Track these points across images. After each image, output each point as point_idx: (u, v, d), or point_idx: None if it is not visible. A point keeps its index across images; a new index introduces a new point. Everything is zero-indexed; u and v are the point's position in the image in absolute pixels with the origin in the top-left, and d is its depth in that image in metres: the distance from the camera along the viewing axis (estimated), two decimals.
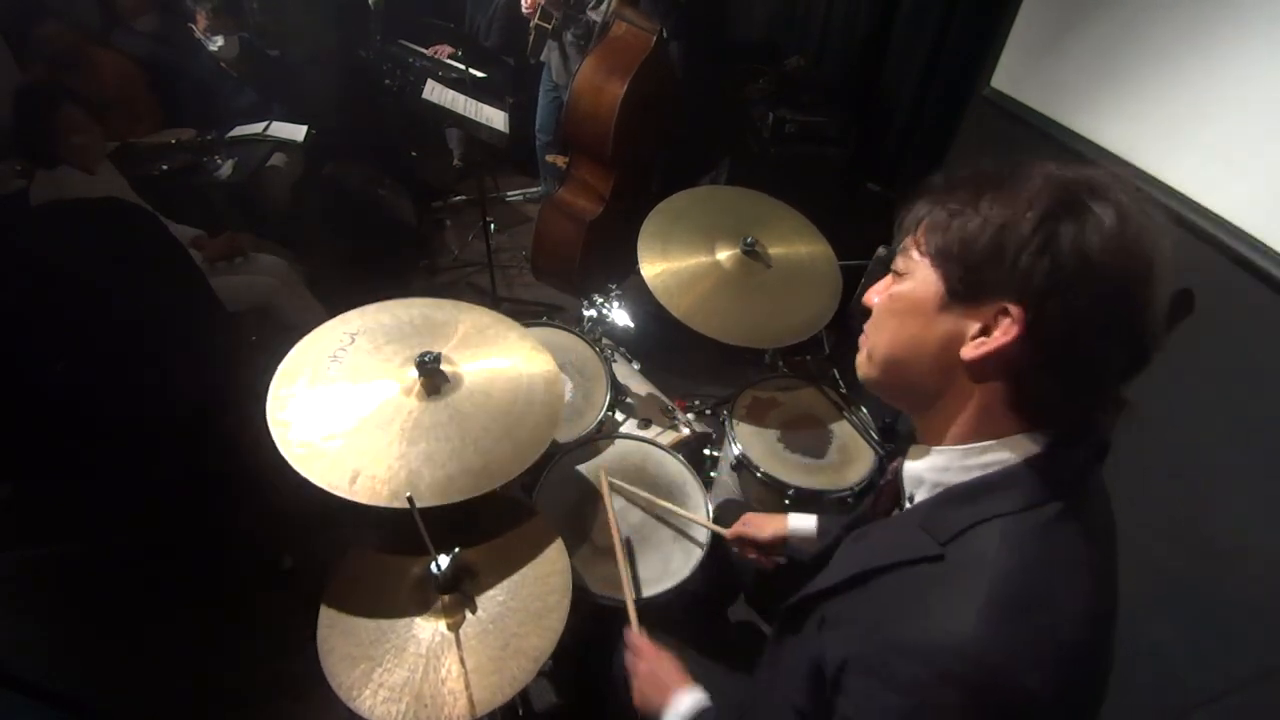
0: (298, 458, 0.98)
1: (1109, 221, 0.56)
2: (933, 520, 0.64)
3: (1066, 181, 0.58)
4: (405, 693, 0.93)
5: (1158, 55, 1.54)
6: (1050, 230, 0.56)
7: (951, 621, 0.56)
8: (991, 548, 0.59)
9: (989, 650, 0.54)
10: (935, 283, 0.63)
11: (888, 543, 0.69)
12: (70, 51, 2.54)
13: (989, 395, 0.63)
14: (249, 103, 2.82)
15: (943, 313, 0.63)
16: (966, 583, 0.58)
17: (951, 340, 0.63)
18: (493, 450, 1.08)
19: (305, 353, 1.14)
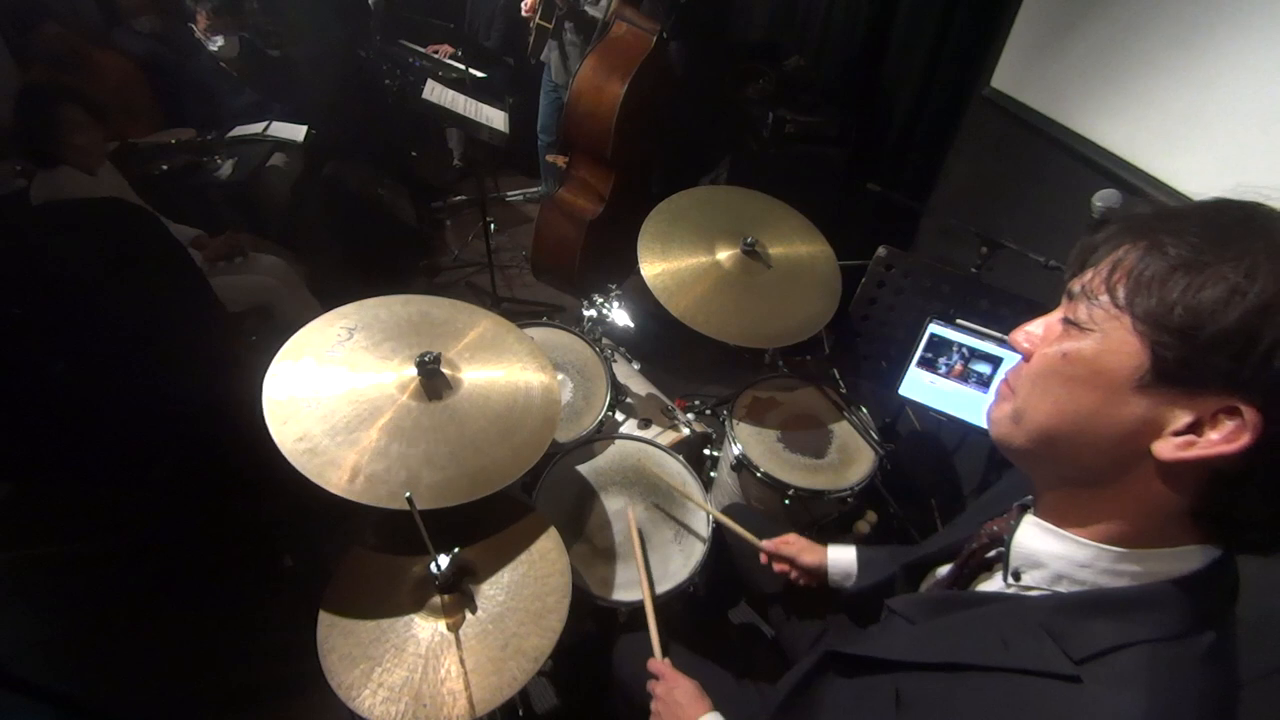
0: (297, 456, 0.98)
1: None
2: (1064, 627, 0.53)
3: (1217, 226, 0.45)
4: (405, 692, 0.93)
5: (1157, 55, 1.54)
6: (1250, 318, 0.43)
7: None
8: (1141, 680, 0.49)
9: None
10: (1137, 353, 0.49)
11: (994, 636, 0.57)
12: (70, 51, 2.54)
13: (1173, 500, 0.50)
14: (249, 103, 2.82)
15: (1139, 393, 0.49)
16: (1100, 708, 0.48)
17: (1143, 429, 0.49)
18: (490, 454, 1.09)
19: (301, 346, 1.14)
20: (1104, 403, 0.51)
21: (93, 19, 2.90)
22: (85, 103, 1.92)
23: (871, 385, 1.76)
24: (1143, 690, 0.48)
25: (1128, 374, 0.49)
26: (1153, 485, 0.50)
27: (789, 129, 2.61)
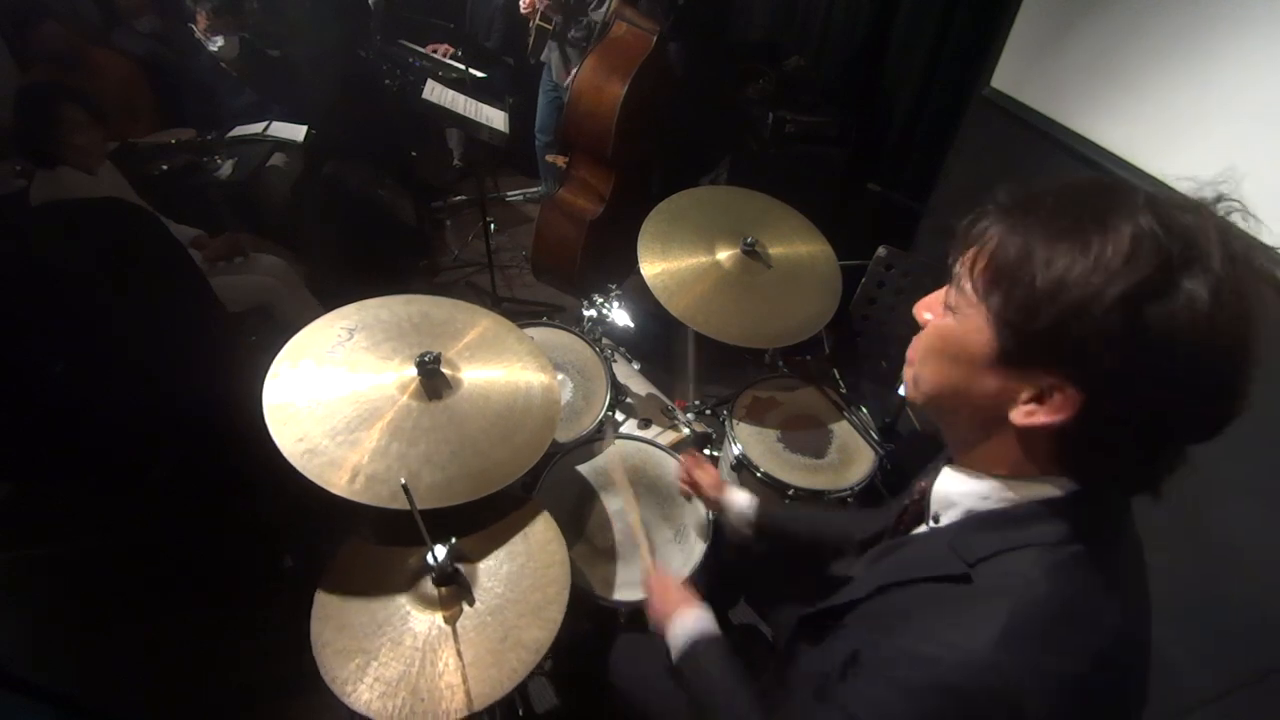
0: (297, 456, 0.98)
1: (1202, 303, 0.49)
2: (963, 542, 0.63)
3: (1161, 246, 0.50)
4: (401, 687, 0.92)
5: (1157, 55, 1.54)
6: (1133, 316, 0.49)
7: (966, 638, 0.56)
8: (1020, 576, 0.58)
9: (996, 672, 0.54)
10: (988, 340, 0.58)
11: (912, 559, 0.69)
12: (70, 51, 2.54)
13: (1038, 447, 0.60)
14: (249, 103, 2.82)
15: (992, 370, 0.58)
16: (989, 605, 0.57)
17: (1000, 398, 0.59)
18: (490, 454, 1.08)
19: (302, 348, 1.14)
20: (969, 376, 0.61)
21: (93, 19, 2.90)
22: (85, 103, 1.92)
23: (871, 385, 1.76)
24: (1017, 582, 0.58)
25: (983, 354, 0.59)
26: (1020, 438, 0.60)
27: (789, 129, 2.61)
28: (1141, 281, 0.49)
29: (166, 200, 2.19)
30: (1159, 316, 0.49)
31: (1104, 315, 0.50)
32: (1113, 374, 0.52)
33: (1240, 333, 0.51)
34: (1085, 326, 0.51)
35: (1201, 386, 0.52)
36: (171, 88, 2.77)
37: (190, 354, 1.83)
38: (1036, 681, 0.54)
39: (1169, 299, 0.49)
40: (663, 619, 1.01)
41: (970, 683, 0.54)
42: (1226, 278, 0.49)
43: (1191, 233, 0.50)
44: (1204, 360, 0.50)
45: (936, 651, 0.57)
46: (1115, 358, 0.51)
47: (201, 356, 1.87)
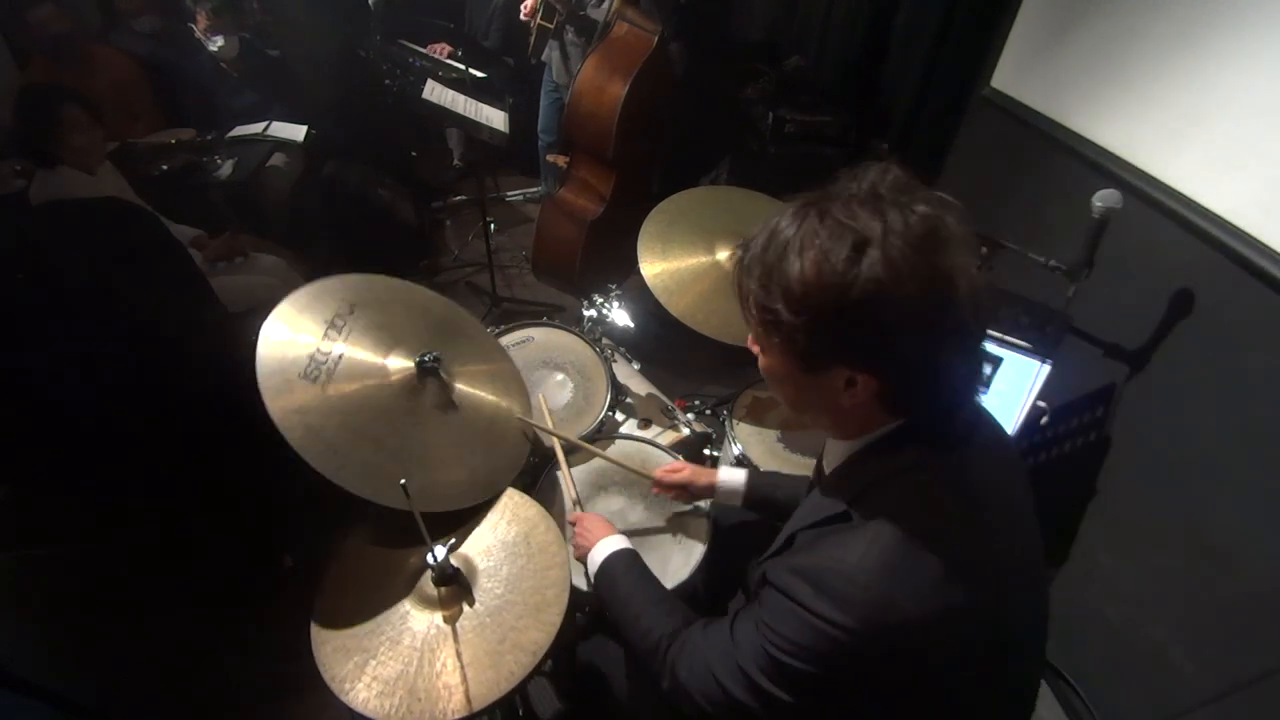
0: (294, 437, 0.98)
1: (881, 269, 0.60)
2: (840, 482, 0.77)
3: (836, 243, 0.63)
4: (399, 686, 0.92)
5: (1157, 55, 1.54)
6: (846, 304, 0.62)
7: (845, 554, 0.67)
8: (885, 503, 0.69)
9: (873, 578, 0.65)
10: (789, 364, 0.71)
11: (809, 508, 0.81)
12: (70, 48, 2.54)
13: (869, 409, 0.72)
14: (249, 103, 2.81)
15: (808, 378, 0.71)
16: (863, 529, 0.69)
17: (828, 392, 0.70)
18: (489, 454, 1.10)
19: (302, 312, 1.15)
20: (801, 389, 0.74)
21: (93, 19, 2.90)
22: (85, 103, 1.92)
23: None
24: (885, 506, 0.69)
25: (795, 374, 0.72)
26: (857, 409, 0.72)
27: (789, 129, 2.61)
28: (839, 277, 0.62)
29: (166, 200, 2.19)
30: (863, 291, 0.61)
31: (834, 316, 0.63)
32: (867, 347, 0.65)
33: (927, 262, 0.61)
34: (829, 331, 0.64)
35: (924, 317, 0.62)
36: (171, 88, 2.77)
37: (190, 354, 1.83)
38: (909, 583, 0.65)
39: (862, 277, 0.61)
40: (585, 551, 1.09)
41: (847, 588, 0.65)
42: (894, 233, 0.61)
43: (857, 222, 0.62)
44: (911, 298, 0.61)
45: (819, 566, 0.68)
46: (859, 336, 0.64)
47: (201, 357, 1.87)
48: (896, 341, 0.63)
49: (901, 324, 0.62)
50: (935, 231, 0.62)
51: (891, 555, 0.65)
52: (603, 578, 1.03)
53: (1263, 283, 1.28)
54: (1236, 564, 1.33)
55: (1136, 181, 1.54)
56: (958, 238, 0.63)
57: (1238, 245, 1.32)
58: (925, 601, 0.64)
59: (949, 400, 0.71)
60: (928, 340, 0.64)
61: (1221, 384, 1.38)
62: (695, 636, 0.84)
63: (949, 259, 0.62)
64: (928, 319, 0.62)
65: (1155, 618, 1.47)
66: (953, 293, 0.62)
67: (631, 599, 0.96)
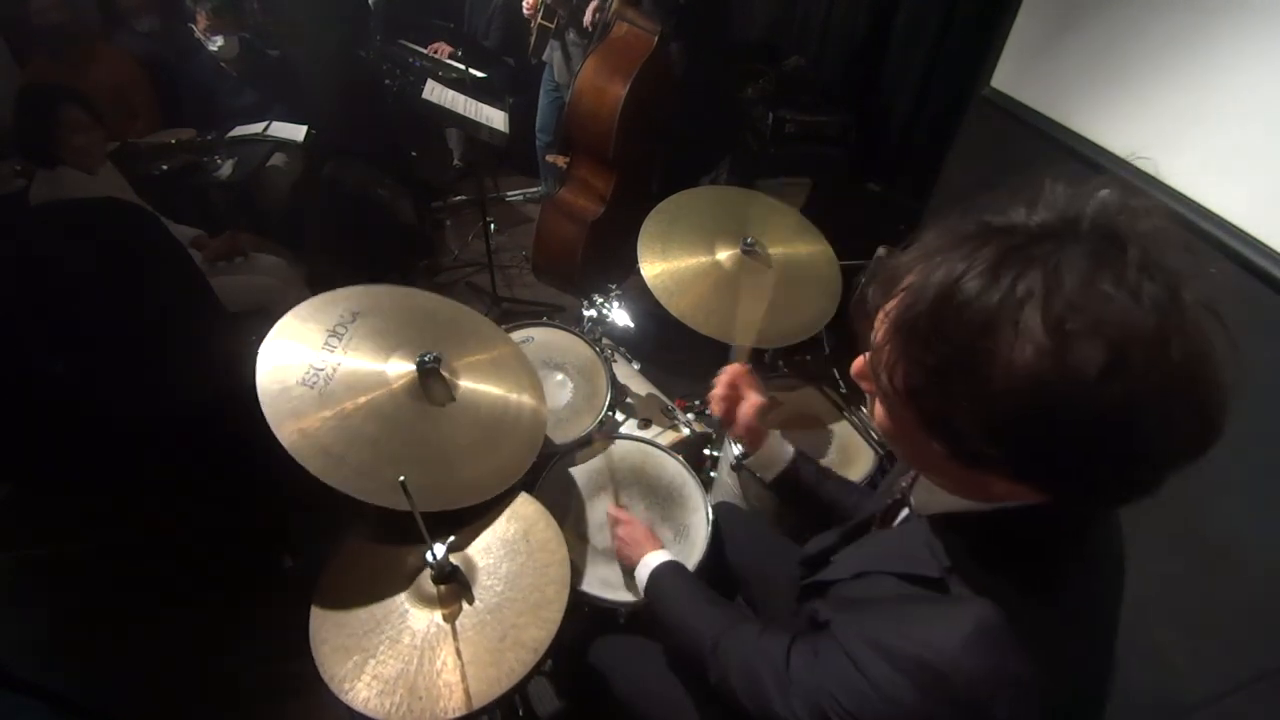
0: (292, 442, 0.97)
1: (1094, 371, 0.45)
2: (937, 539, 0.64)
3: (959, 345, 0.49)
4: (399, 685, 0.91)
5: (1158, 55, 1.54)
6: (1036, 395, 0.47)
7: (939, 641, 0.57)
8: (992, 586, 0.59)
9: (961, 673, 0.56)
10: (931, 450, 0.57)
11: (891, 550, 0.72)
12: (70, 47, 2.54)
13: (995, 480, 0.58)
14: (249, 103, 2.81)
15: (954, 465, 0.57)
16: (961, 611, 0.58)
17: (976, 483, 0.58)
18: (470, 466, 1.09)
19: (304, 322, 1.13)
20: (921, 446, 0.58)
21: (93, 19, 2.90)
22: (85, 103, 1.92)
23: None
24: (989, 591, 0.58)
25: (923, 437, 0.57)
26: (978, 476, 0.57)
27: (789, 129, 2.61)
28: (1078, 399, 0.46)
29: (166, 200, 2.19)
30: (1105, 416, 0.47)
31: (1046, 432, 0.48)
32: (1071, 470, 0.51)
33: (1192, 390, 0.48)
34: (1032, 447, 0.50)
35: (1109, 433, 0.48)
36: (171, 88, 2.77)
37: (190, 354, 1.83)
38: (1001, 687, 0.55)
39: (1108, 401, 0.46)
40: (632, 559, 1.11)
41: (930, 680, 0.56)
42: (1161, 344, 0.47)
43: (1101, 313, 0.46)
44: (1088, 411, 0.47)
45: (902, 646, 0.59)
46: (1074, 463, 0.50)
47: (201, 356, 1.87)
48: (1102, 470, 0.50)
49: (1141, 453, 0.48)
50: (1207, 346, 0.48)
51: (992, 658, 0.56)
52: (654, 588, 1.05)
53: (1263, 283, 1.28)
54: (1236, 564, 1.33)
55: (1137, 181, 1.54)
56: (1216, 356, 0.49)
57: (1238, 245, 1.32)
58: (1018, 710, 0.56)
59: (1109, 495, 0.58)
60: (1158, 472, 0.51)
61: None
62: (750, 641, 0.80)
63: (1217, 377, 0.49)
64: (1175, 450, 0.49)
65: (1155, 618, 1.47)
66: (1215, 424, 0.50)
67: (683, 604, 0.98)
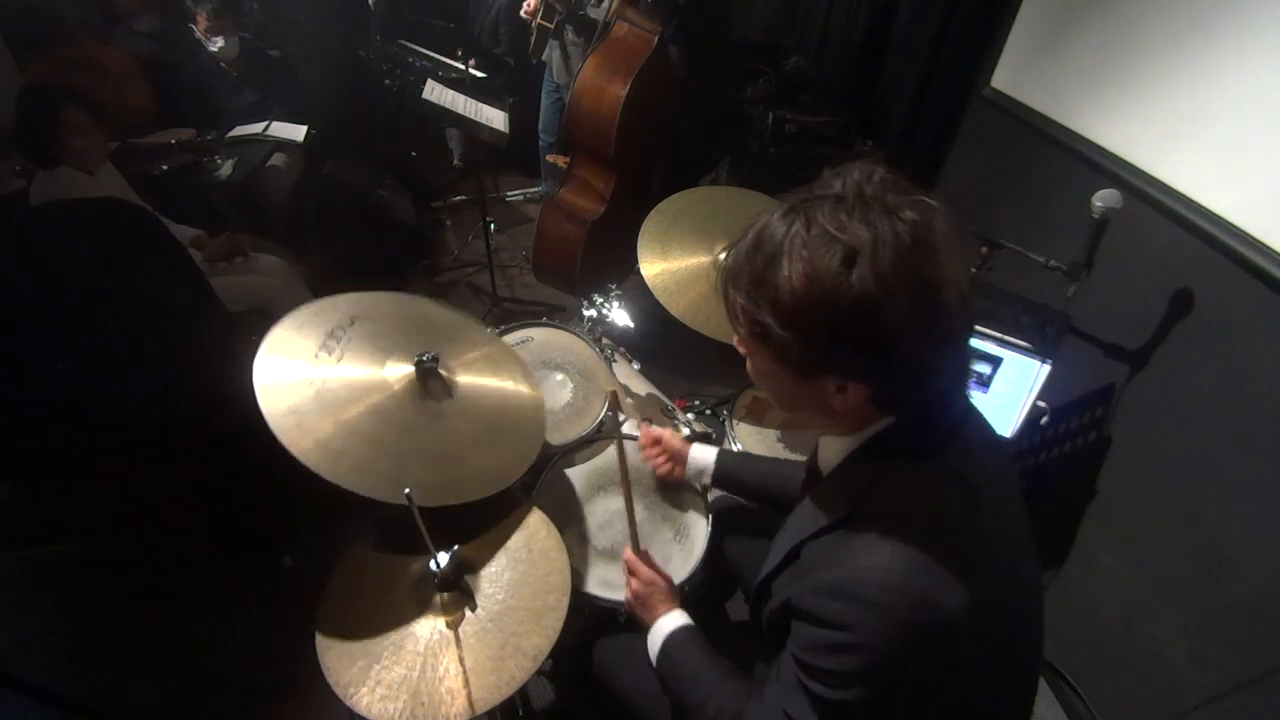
0: (287, 434, 0.97)
1: (872, 284, 0.60)
2: (838, 485, 0.76)
3: (755, 270, 0.65)
4: (403, 690, 0.93)
5: (1157, 55, 1.54)
6: (838, 320, 0.61)
7: (870, 560, 0.65)
8: (892, 498, 0.69)
9: (908, 579, 0.63)
10: (779, 370, 0.70)
11: (807, 515, 0.79)
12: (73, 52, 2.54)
13: (862, 409, 0.71)
14: (249, 103, 2.82)
15: (800, 382, 0.70)
16: (876, 528, 0.67)
17: (819, 395, 0.70)
18: (475, 460, 1.09)
19: (299, 328, 1.13)
20: (793, 390, 0.73)
21: (93, 19, 2.90)
22: (86, 104, 1.92)
23: None
24: (892, 504, 0.69)
25: (788, 377, 0.70)
26: (851, 410, 0.71)
27: (789, 129, 2.62)
28: (828, 293, 0.61)
29: (166, 200, 2.19)
30: (852, 306, 0.60)
31: (827, 330, 0.62)
32: (859, 360, 0.65)
33: (916, 272, 0.61)
34: (821, 344, 0.64)
35: (914, 327, 0.62)
36: (171, 88, 2.77)
37: (190, 354, 1.83)
38: (945, 577, 0.64)
39: (853, 292, 0.60)
40: (644, 619, 1.06)
41: (884, 595, 0.63)
42: (883, 244, 0.60)
43: (846, 235, 0.61)
44: (901, 310, 0.60)
45: (847, 578, 0.66)
46: (850, 351, 0.64)
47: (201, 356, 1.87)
48: (887, 353, 0.63)
49: (892, 336, 0.62)
50: (924, 241, 0.62)
51: (917, 552, 0.64)
52: (665, 658, 1.00)
53: (1263, 283, 1.28)
54: (1236, 564, 1.33)
55: (1136, 181, 1.54)
56: (946, 243, 0.63)
57: (1238, 245, 1.32)
58: (957, 593, 0.64)
59: (939, 399, 0.71)
60: (918, 348, 0.63)
61: (1221, 384, 1.38)
62: (755, 711, 0.81)
63: (938, 268, 0.62)
64: (917, 328, 0.62)
65: (1155, 618, 1.47)
66: (942, 301, 0.62)
67: (694, 672, 0.95)
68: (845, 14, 2.82)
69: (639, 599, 1.08)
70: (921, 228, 0.62)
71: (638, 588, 1.08)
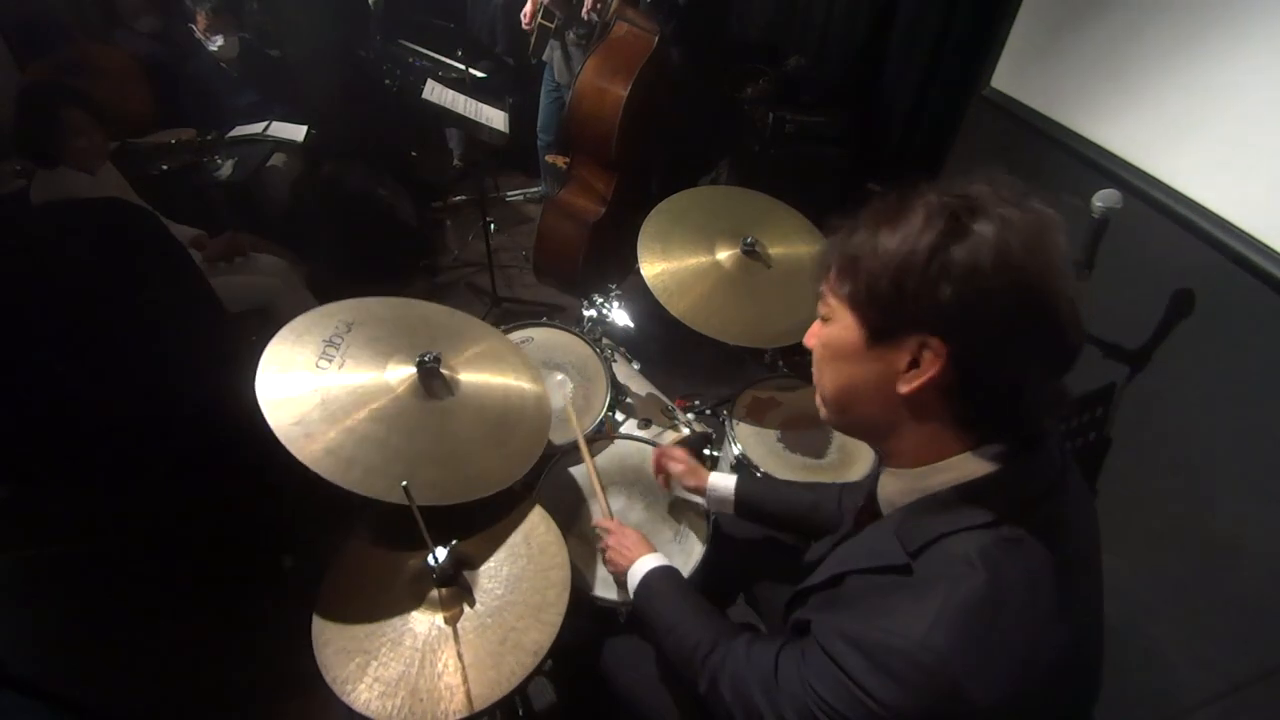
0: (295, 444, 0.97)
1: (991, 236, 0.58)
2: (904, 529, 0.67)
3: (946, 206, 0.61)
4: (401, 687, 0.92)
5: (1157, 55, 1.54)
6: (942, 260, 0.59)
7: (907, 625, 0.59)
8: (956, 561, 0.60)
9: (937, 656, 0.57)
10: (856, 327, 0.66)
11: (862, 549, 0.73)
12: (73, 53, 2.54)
13: (934, 418, 0.65)
14: (249, 103, 2.82)
15: (871, 353, 0.65)
16: (928, 592, 0.60)
17: (886, 377, 0.64)
18: (483, 457, 1.09)
19: (297, 337, 1.14)
20: (856, 368, 0.68)
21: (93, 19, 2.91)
22: (87, 105, 1.92)
23: None
24: (953, 567, 0.60)
25: (858, 343, 0.66)
26: (916, 415, 0.66)
27: (789, 129, 2.61)
28: (940, 233, 0.59)
29: (166, 200, 2.19)
30: (962, 254, 0.58)
31: (924, 267, 0.59)
32: (955, 318, 0.59)
33: (1036, 254, 0.58)
34: (915, 281, 0.59)
35: (1028, 307, 0.58)
36: (171, 88, 2.77)
37: (190, 354, 1.83)
38: (978, 664, 0.57)
39: (966, 239, 0.58)
40: (622, 565, 1.09)
41: (908, 668, 0.57)
42: (1008, 214, 0.58)
43: (972, 194, 0.61)
44: (1015, 284, 0.57)
45: (877, 639, 0.60)
46: (947, 302, 0.58)
47: (201, 356, 1.87)
48: (980, 323, 0.58)
49: (991, 308, 0.57)
50: (1047, 229, 0.59)
51: (963, 634, 0.57)
52: (643, 592, 1.02)
53: (1263, 283, 1.28)
54: (1237, 564, 1.33)
55: (1137, 181, 1.54)
56: (1063, 250, 0.60)
57: (1238, 245, 1.32)
58: (997, 690, 0.57)
59: (1025, 424, 0.63)
60: (1014, 339, 0.59)
61: (1221, 384, 1.38)
62: (739, 652, 0.81)
63: (1054, 263, 0.59)
64: (1019, 314, 0.58)
65: (1155, 618, 1.47)
66: (1051, 299, 0.58)
67: (673, 611, 0.96)
68: (845, 14, 2.81)
69: (615, 552, 1.11)
70: (1048, 218, 0.61)
71: (612, 541, 1.13)
